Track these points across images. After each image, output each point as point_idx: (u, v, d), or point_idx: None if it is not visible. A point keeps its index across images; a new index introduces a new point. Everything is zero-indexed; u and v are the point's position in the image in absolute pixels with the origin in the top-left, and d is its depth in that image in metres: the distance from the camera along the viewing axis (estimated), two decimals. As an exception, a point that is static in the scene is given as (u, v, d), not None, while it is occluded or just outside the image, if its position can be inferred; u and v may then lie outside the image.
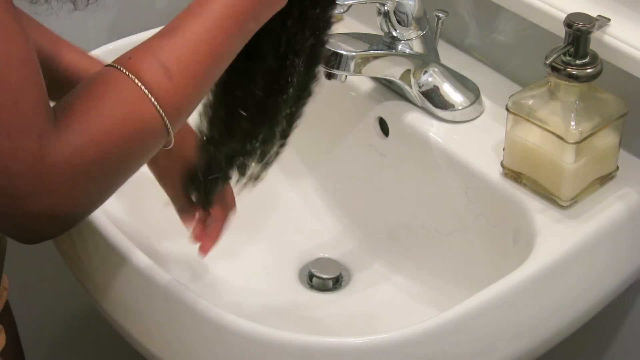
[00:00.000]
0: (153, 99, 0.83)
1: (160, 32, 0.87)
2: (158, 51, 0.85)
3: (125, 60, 0.84)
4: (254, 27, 0.90)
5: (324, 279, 1.22)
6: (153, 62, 0.84)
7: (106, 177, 0.83)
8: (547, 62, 1.07)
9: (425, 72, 1.21)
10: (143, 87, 0.83)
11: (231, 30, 0.88)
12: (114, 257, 1.06)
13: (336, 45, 1.15)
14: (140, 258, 1.03)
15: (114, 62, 0.84)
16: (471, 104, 1.21)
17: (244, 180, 1.02)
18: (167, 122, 0.84)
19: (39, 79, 0.79)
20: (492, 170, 1.13)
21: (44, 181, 0.78)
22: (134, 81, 0.83)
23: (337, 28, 1.37)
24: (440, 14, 1.21)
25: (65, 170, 0.79)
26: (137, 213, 1.24)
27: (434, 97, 1.21)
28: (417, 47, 1.20)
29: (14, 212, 0.79)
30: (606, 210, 1.10)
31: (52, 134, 0.78)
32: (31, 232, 0.82)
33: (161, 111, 0.83)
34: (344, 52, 1.14)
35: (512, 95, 1.11)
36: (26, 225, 0.81)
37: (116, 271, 1.07)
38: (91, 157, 0.80)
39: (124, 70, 0.83)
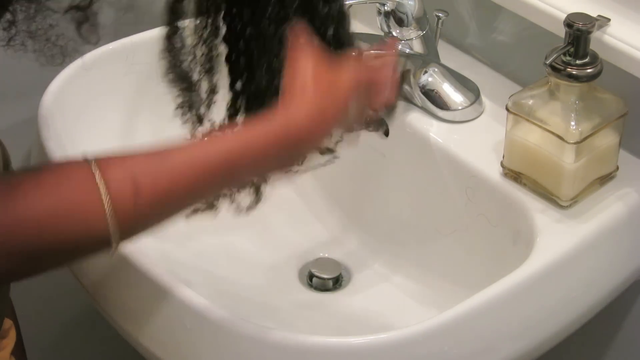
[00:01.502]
0: (110, 217, 0.79)
1: (151, 150, 0.83)
2: (138, 169, 0.81)
3: (104, 164, 0.80)
4: (246, 180, 0.90)
5: (324, 279, 1.22)
6: (128, 178, 0.80)
7: (26, 260, 0.79)
8: (547, 62, 1.07)
9: (425, 72, 1.21)
10: (106, 198, 0.78)
11: (218, 179, 0.86)
12: (113, 256, 1.05)
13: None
14: (139, 258, 1.03)
15: (92, 159, 0.80)
16: (471, 104, 1.21)
17: None
18: (113, 240, 0.80)
19: None
20: (492, 170, 1.13)
21: None
22: (99, 188, 0.78)
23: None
24: (440, 14, 1.21)
25: None
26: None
27: (434, 97, 1.21)
28: (417, 47, 1.20)
29: None
30: (606, 210, 1.10)
31: None
32: None
33: (113, 231, 0.79)
34: (344, 52, 1.14)
35: (512, 95, 1.11)
36: None
37: (116, 271, 1.07)
38: (15, 240, 0.77)
39: (95, 171, 0.79)
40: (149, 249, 1.07)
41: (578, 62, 1.07)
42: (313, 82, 0.89)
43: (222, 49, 0.96)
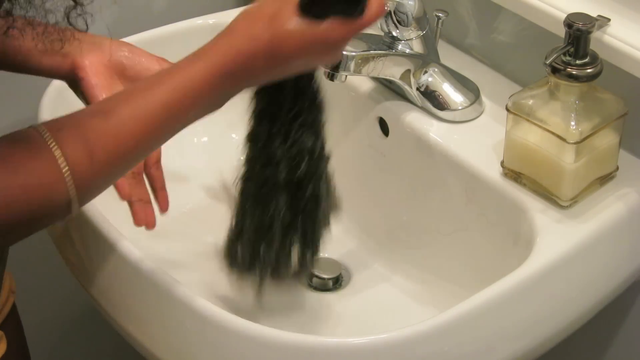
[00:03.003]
0: (69, 181, 0.82)
1: (96, 109, 0.86)
2: (89, 132, 0.84)
3: (55, 131, 0.83)
4: (188, 123, 0.90)
5: (324, 279, 1.22)
6: (80, 143, 0.83)
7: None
8: (547, 62, 1.07)
9: (425, 72, 1.21)
10: (64, 167, 0.82)
11: (164, 125, 0.87)
12: (114, 257, 1.06)
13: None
14: (140, 258, 1.03)
15: (44, 126, 0.83)
16: (471, 104, 1.21)
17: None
18: (73, 203, 0.83)
19: None
20: (492, 170, 1.13)
21: None
22: (57, 158, 0.82)
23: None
24: (440, 14, 1.21)
25: None
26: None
27: (434, 97, 1.21)
28: (417, 47, 1.20)
29: None
30: (606, 210, 1.10)
31: None
32: None
33: (72, 194, 0.83)
34: (344, 52, 1.14)
35: (512, 95, 1.11)
36: None
37: (116, 271, 1.07)
38: None
39: (51, 143, 0.82)
40: (149, 250, 1.07)
41: (578, 62, 1.07)
42: (258, 12, 0.88)
43: None
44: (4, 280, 1.07)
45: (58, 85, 1.24)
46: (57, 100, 1.23)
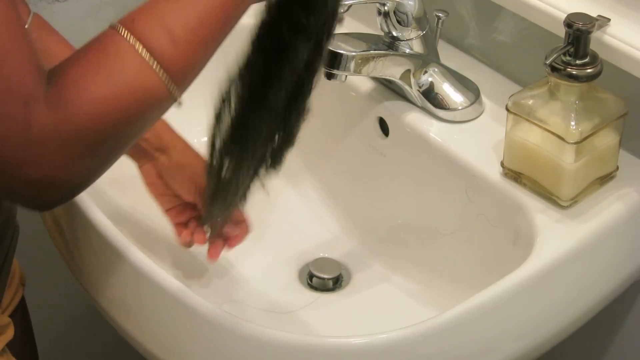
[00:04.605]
0: (157, 67, 0.80)
1: None
2: (163, 15, 0.82)
3: (129, 23, 0.81)
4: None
5: (324, 279, 1.22)
6: (157, 27, 0.81)
7: (102, 145, 0.80)
8: (547, 62, 1.07)
9: (425, 72, 1.21)
10: (146, 55, 0.80)
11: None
12: (113, 256, 1.06)
13: (336, 45, 1.15)
14: (140, 258, 1.03)
15: (117, 23, 0.82)
16: (471, 104, 1.21)
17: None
18: (171, 89, 0.81)
19: (24, 42, 0.76)
20: (492, 170, 1.13)
21: (32, 149, 0.76)
22: (136, 48, 0.80)
23: (337, 28, 1.37)
24: (440, 14, 1.21)
25: (54, 139, 0.76)
26: (137, 212, 1.24)
27: (434, 97, 1.21)
28: (417, 47, 1.20)
29: (11, 180, 0.77)
30: (606, 210, 1.10)
31: (41, 100, 0.76)
32: (35, 200, 0.80)
33: (165, 79, 0.81)
34: (344, 52, 1.14)
35: (512, 95, 1.12)
36: (28, 193, 0.78)
37: (116, 271, 1.07)
38: (82, 126, 0.77)
39: (127, 36, 0.80)
40: (148, 249, 1.07)
41: (578, 62, 1.07)
42: None
43: None
44: (15, 272, 1.07)
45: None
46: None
